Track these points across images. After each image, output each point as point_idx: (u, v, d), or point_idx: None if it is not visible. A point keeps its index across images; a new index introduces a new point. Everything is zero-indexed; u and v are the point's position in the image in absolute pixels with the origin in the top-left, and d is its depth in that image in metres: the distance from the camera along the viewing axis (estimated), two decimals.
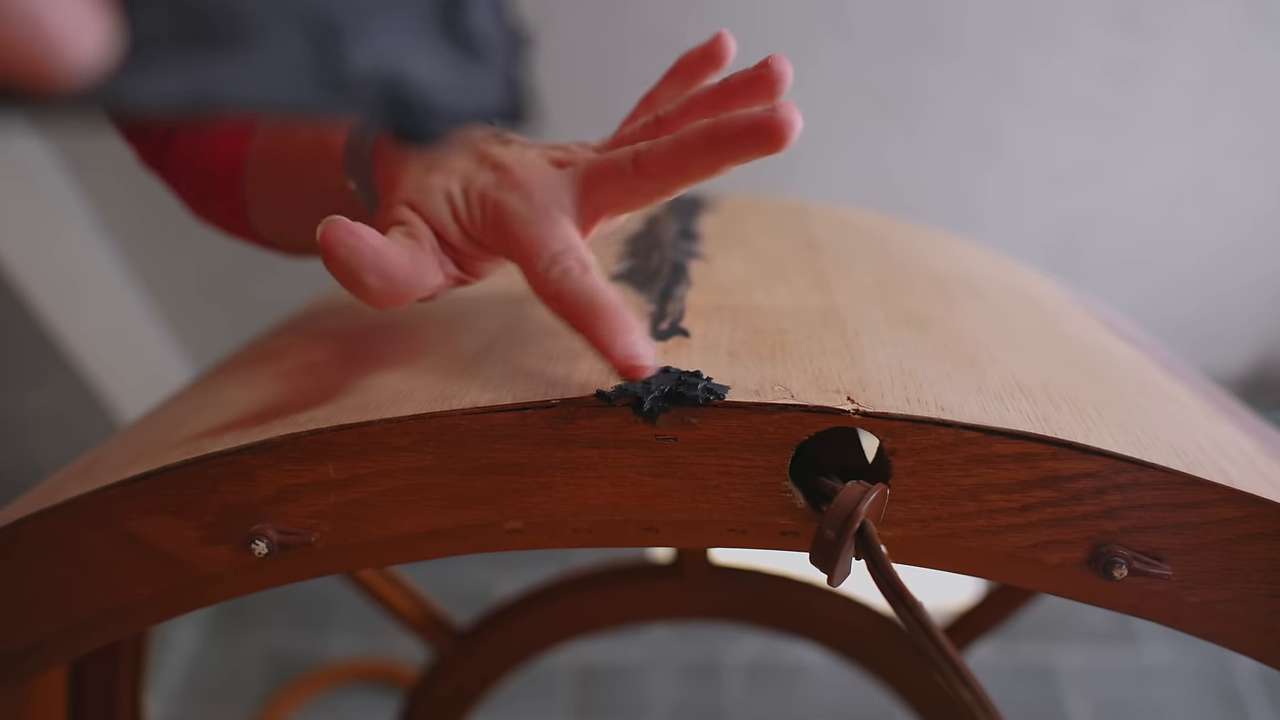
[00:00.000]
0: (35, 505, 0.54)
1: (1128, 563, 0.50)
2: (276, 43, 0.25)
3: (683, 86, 0.62)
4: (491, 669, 1.20)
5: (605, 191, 0.54)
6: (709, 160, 0.50)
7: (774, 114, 0.47)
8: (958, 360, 0.56)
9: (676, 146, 0.51)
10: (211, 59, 0.25)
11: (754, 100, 0.54)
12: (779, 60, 0.53)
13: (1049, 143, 2.10)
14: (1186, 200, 2.18)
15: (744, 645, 2.10)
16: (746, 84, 0.54)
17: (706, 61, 0.62)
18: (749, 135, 0.48)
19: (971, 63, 1.99)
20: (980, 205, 2.21)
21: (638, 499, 0.52)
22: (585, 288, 0.50)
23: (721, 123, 0.49)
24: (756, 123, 0.48)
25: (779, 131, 0.47)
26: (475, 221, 0.54)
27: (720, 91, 0.56)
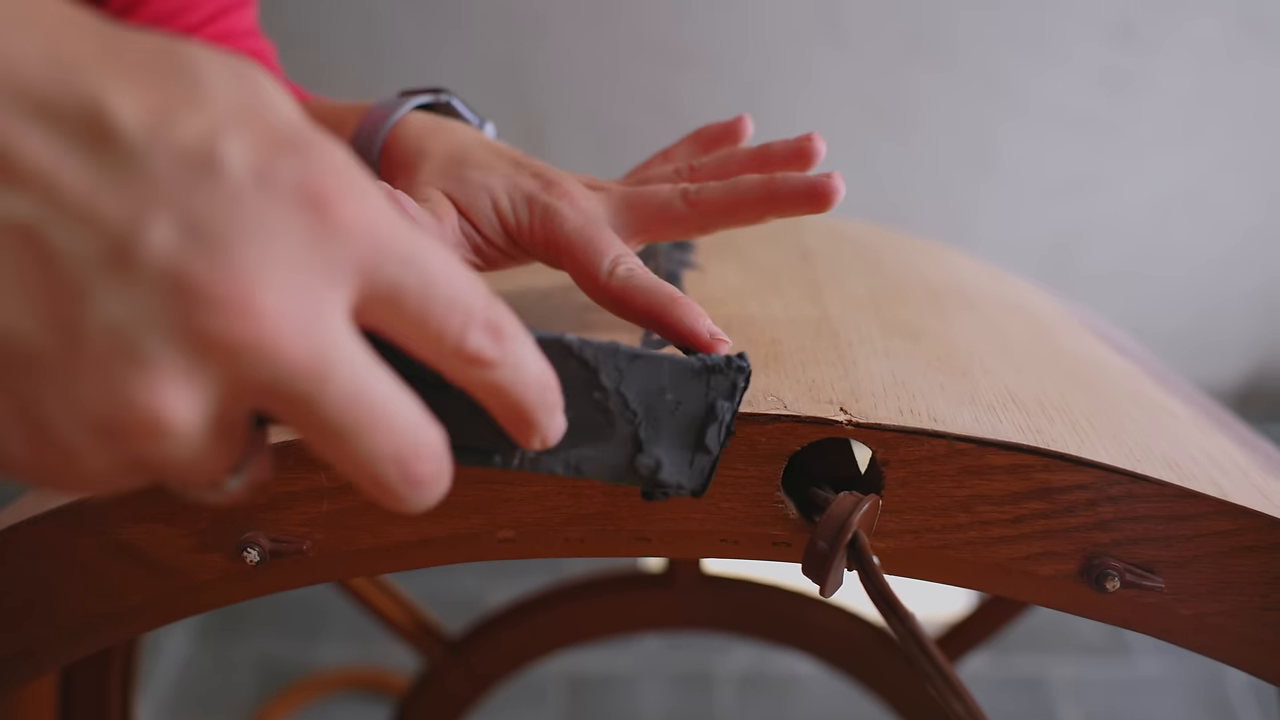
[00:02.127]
0: (27, 512, 0.54)
1: (1120, 575, 0.50)
2: (618, 445, 0.46)
3: (701, 152, 0.66)
4: (482, 678, 1.20)
5: (646, 218, 0.58)
6: (759, 210, 0.56)
7: (829, 181, 0.55)
8: (951, 371, 0.56)
9: (731, 191, 0.56)
10: (585, 445, 0.45)
11: (790, 169, 0.60)
12: (817, 138, 0.60)
13: (1043, 154, 2.10)
14: (1179, 212, 2.19)
15: (735, 655, 2.09)
16: (788, 154, 0.60)
17: (726, 137, 0.66)
18: (804, 196, 0.55)
19: (966, 73, 2.00)
20: (974, 216, 2.21)
21: (630, 508, 0.52)
22: (654, 282, 0.52)
23: (779, 180, 0.56)
24: (813, 186, 0.55)
25: (831, 198, 0.55)
26: (523, 224, 0.56)
27: (760, 156, 0.61)
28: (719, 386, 0.46)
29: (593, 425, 0.45)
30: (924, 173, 2.15)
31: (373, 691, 2.04)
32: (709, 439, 0.46)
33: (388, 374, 0.32)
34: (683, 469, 0.47)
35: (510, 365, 0.35)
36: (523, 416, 0.38)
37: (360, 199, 0.31)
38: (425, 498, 0.34)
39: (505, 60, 2.00)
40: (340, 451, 0.32)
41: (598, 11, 1.94)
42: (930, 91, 2.02)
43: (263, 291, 0.28)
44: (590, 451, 0.46)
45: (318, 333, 0.29)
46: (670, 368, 0.45)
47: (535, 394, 0.37)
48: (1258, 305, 2.34)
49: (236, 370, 0.28)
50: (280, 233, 0.29)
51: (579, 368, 0.43)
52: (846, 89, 2.02)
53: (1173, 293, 2.34)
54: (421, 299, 0.32)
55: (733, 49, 1.98)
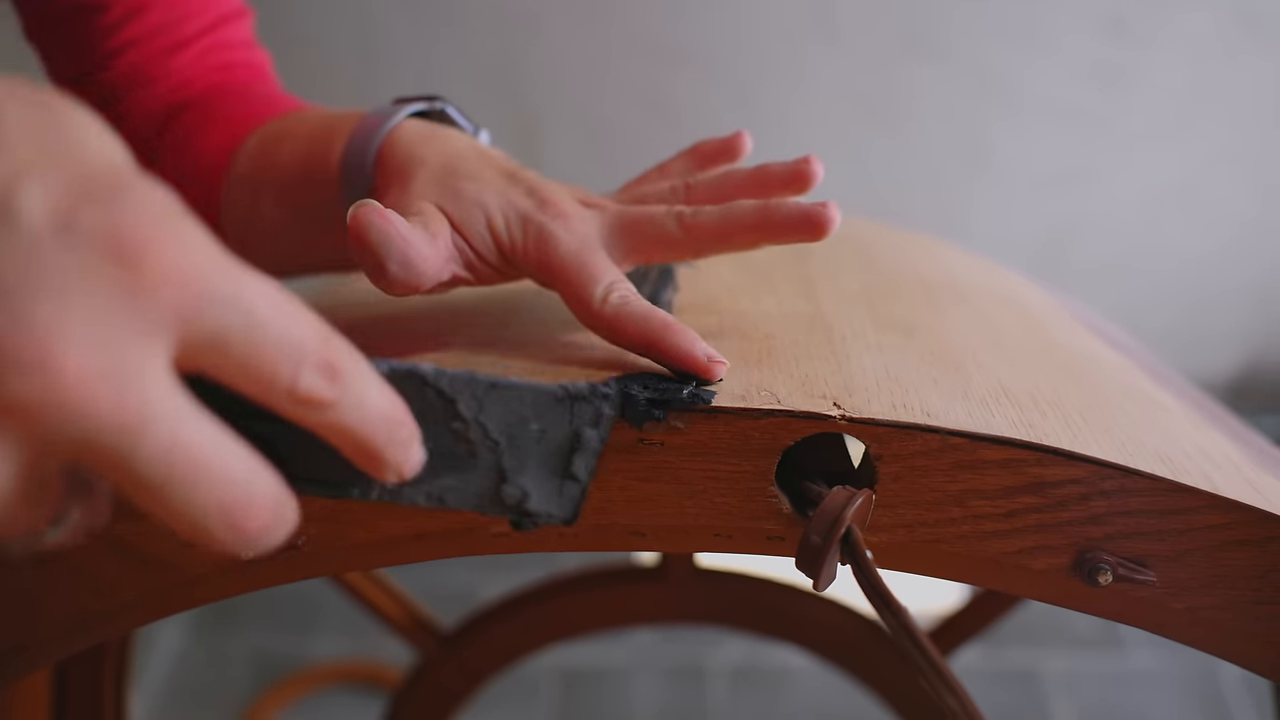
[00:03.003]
0: None
1: (1112, 569, 0.50)
2: (482, 476, 0.47)
3: (697, 167, 0.66)
4: (476, 671, 1.20)
5: (640, 241, 0.57)
6: (754, 236, 0.56)
7: (824, 210, 0.55)
8: (944, 366, 0.56)
9: (726, 217, 0.57)
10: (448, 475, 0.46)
11: (787, 191, 0.61)
12: (815, 161, 0.61)
13: (1035, 148, 2.11)
14: (1172, 205, 2.19)
15: (729, 649, 2.10)
16: (786, 176, 0.61)
17: (724, 153, 0.67)
18: (799, 224, 0.55)
19: (958, 68, 2.00)
20: (967, 211, 2.21)
21: (624, 503, 0.52)
22: (647, 310, 0.52)
23: (773, 207, 0.56)
24: (807, 215, 0.55)
25: (826, 227, 0.55)
26: (516, 244, 0.56)
27: (757, 177, 0.61)
28: (583, 414, 0.46)
29: (454, 455, 0.46)
30: (917, 168, 2.15)
31: (366, 685, 2.05)
32: (576, 468, 0.47)
33: (211, 424, 0.31)
34: (551, 497, 0.48)
35: (350, 405, 0.34)
36: (370, 454, 0.37)
37: (176, 245, 0.29)
38: (258, 547, 0.33)
39: (499, 58, 2.00)
40: (161, 506, 0.30)
41: (591, 9, 1.94)
42: (923, 87, 2.03)
43: (64, 349, 0.27)
44: (453, 482, 0.46)
45: (129, 389, 0.28)
46: (531, 397, 0.45)
47: (380, 432, 0.36)
48: (1251, 298, 2.35)
49: (40, 430, 0.27)
50: (83, 287, 0.27)
51: (436, 397, 0.44)
52: (839, 85, 2.02)
53: (1166, 286, 2.34)
54: (247, 344, 0.31)
55: (726, 46, 1.98)
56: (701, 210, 0.57)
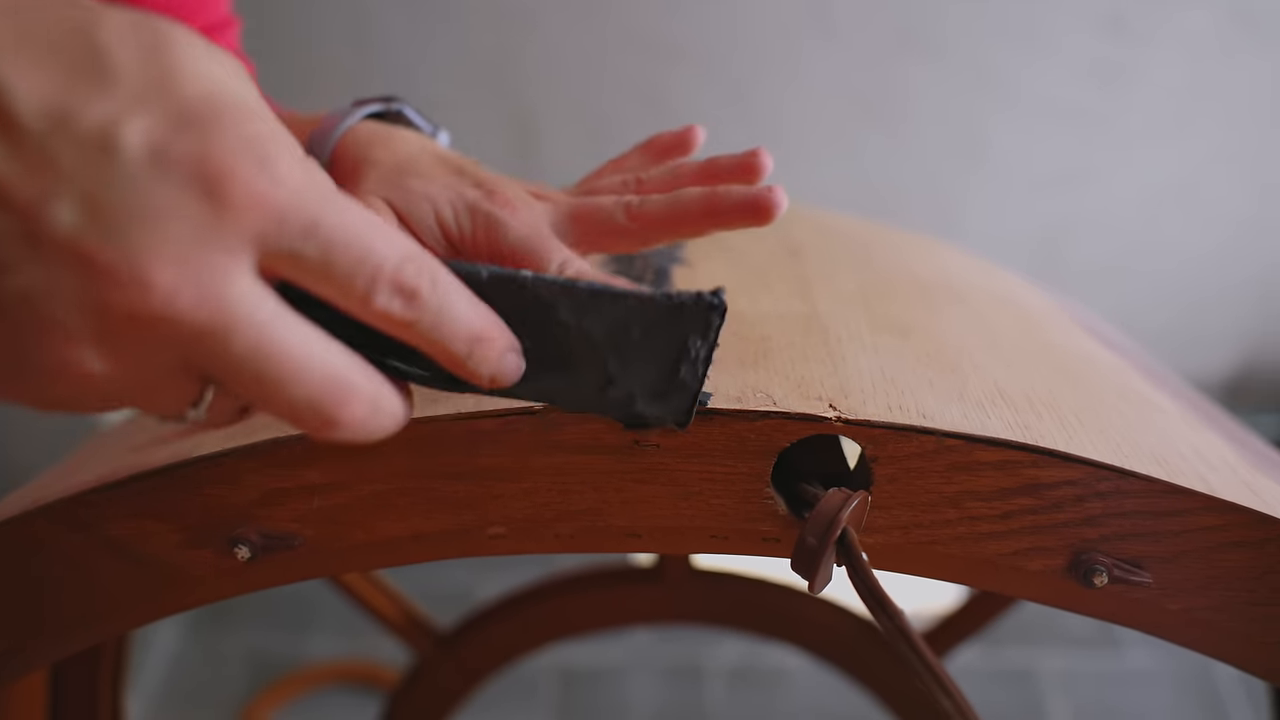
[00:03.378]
0: (16, 508, 0.54)
1: (1108, 570, 0.50)
2: (587, 378, 0.45)
3: (652, 161, 0.67)
4: (473, 671, 1.20)
5: (588, 229, 0.58)
6: (700, 223, 0.56)
7: (769, 194, 0.55)
8: (940, 367, 0.56)
9: (673, 205, 0.57)
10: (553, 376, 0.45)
11: (737, 182, 0.60)
12: (764, 153, 0.60)
13: (1033, 147, 2.10)
14: (1170, 205, 2.19)
15: (726, 649, 2.10)
16: (733, 168, 0.60)
17: (677, 146, 0.67)
18: (745, 209, 0.55)
19: (955, 66, 2.00)
20: (963, 210, 2.21)
21: (620, 505, 0.52)
22: (606, 278, 0.52)
23: (720, 193, 0.56)
24: (754, 199, 0.55)
25: (772, 211, 0.55)
26: (465, 233, 0.56)
27: (707, 169, 0.61)
28: (690, 323, 0.44)
29: (558, 357, 0.45)
30: (913, 166, 2.15)
31: (363, 685, 2.04)
32: (684, 375, 0.46)
33: (301, 325, 0.35)
34: (659, 402, 0.47)
35: (429, 324, 0.38)
36: (458, 364, 0.40)
37: (255, 174, 0.33)
38: (362, 435, 0.38)
39: (495, 54, 2.00)
40: (260, 399, 0.35)
41: (586, 6, 1.93)
42: (919, 84, 2.02)
43: (154, 265, 0.31)
44: (559, 383, 0.46)
45: (213, 298, 0.32)
46: (634, 304, 0.44)
47: (463, 347, 0.39)
48: (1248, 298, 2.35)
49: (139, 333, 0.32)
50: (172, 212, 0.31)
51: (535, 302, 0.43)
52: (835, 82, 2.02)
53: (1163, 285, 2.34)
54: (323, 266, 0.35)
55: (721, 42, 1.97)
56: (649, 199, 0.58)
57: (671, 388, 0.46)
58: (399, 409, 0.39)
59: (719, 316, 0.44)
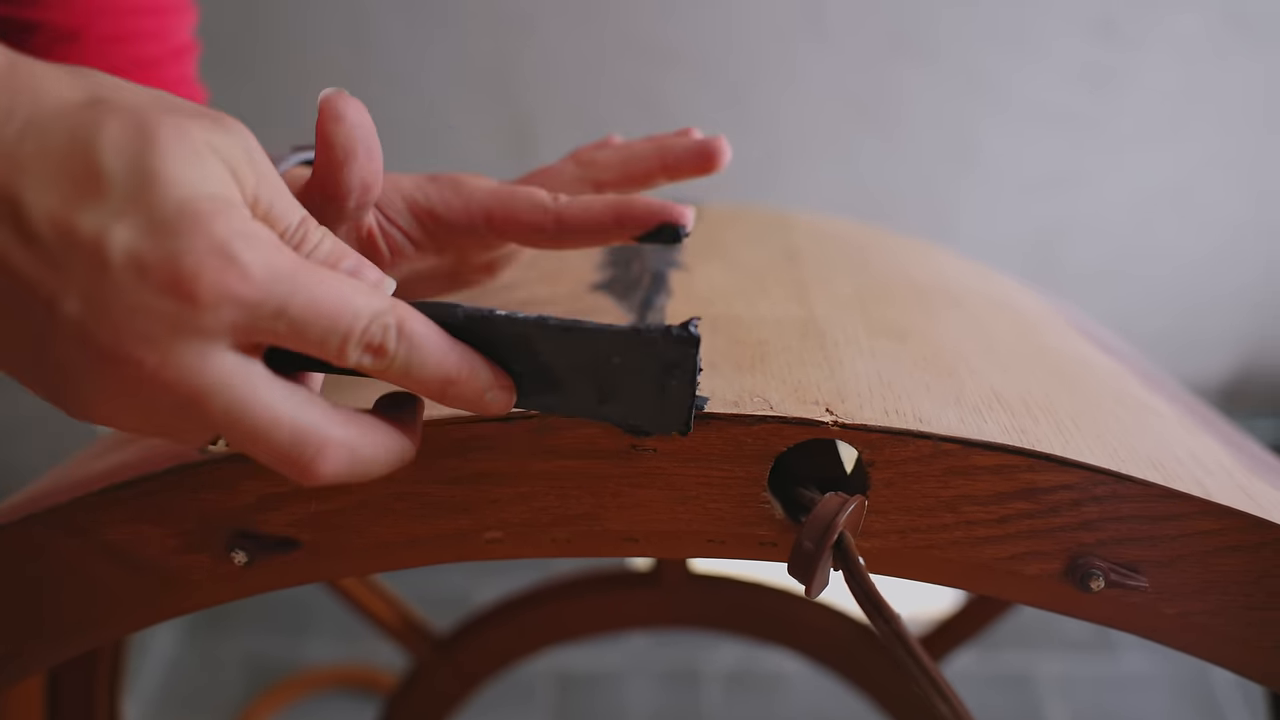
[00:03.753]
0: (14, 513, 0.54)
1: (1105, 574, 0.50)
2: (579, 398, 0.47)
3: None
4: (470, 675, 1.20)
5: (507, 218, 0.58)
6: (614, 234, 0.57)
7: (675, 210, 0.56)
8: (936, 371, 0.56)
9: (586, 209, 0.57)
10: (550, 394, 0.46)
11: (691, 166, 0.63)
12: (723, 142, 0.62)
13: (1026, 150, 2.11)
14: (1164, 208, 2.19)
15: (723, 653, 2.09)
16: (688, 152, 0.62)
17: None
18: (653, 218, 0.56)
19: (948, 70, 2.00)
20: (958, 213, 2.21)
21: (617, 509, 0.52)
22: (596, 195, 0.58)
23: (625, 203, 0.56)
24: (662, 209, 0.55)
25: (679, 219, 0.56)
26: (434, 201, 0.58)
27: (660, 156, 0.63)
28: (667, 353, 0.45)
29: (549, 380, 0.46)
30: (908, 170, 2.15)
31: (360, 690, 2.04)
32: (674, 393, 0.46)
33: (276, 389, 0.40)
34: (655, 415, 0.47)
35: (399, 372, 0.42)
36: (442, 402, 0.44)
37: (222, 273, 0.37)
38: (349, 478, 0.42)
39: (493, 60, 2.00)
40: (244, 448, 0.40)
41: (584, 11, 1.93)
42: (913, 88, 2.02)
43: (141, 350, 0.37)
44: (555, 399, 0.47)
45: (190, 375, 0.38)
46: (606, 341, 0.45)
47: (435, 391, 0.43)
48: (1245, 302, 2.35)
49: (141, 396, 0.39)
50: (152, 310, 0.37)
51: (514, 336, 0.45)
52: (829, 86, 2.02)
53: (1159, 290, 2.34)
54: (296, 337, 0.39)
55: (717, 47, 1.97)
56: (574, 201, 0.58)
57: (665, 402, 0.46)
58: (384, 454, 0.43)
59: (693, 347, 0.44)
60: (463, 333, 0.44)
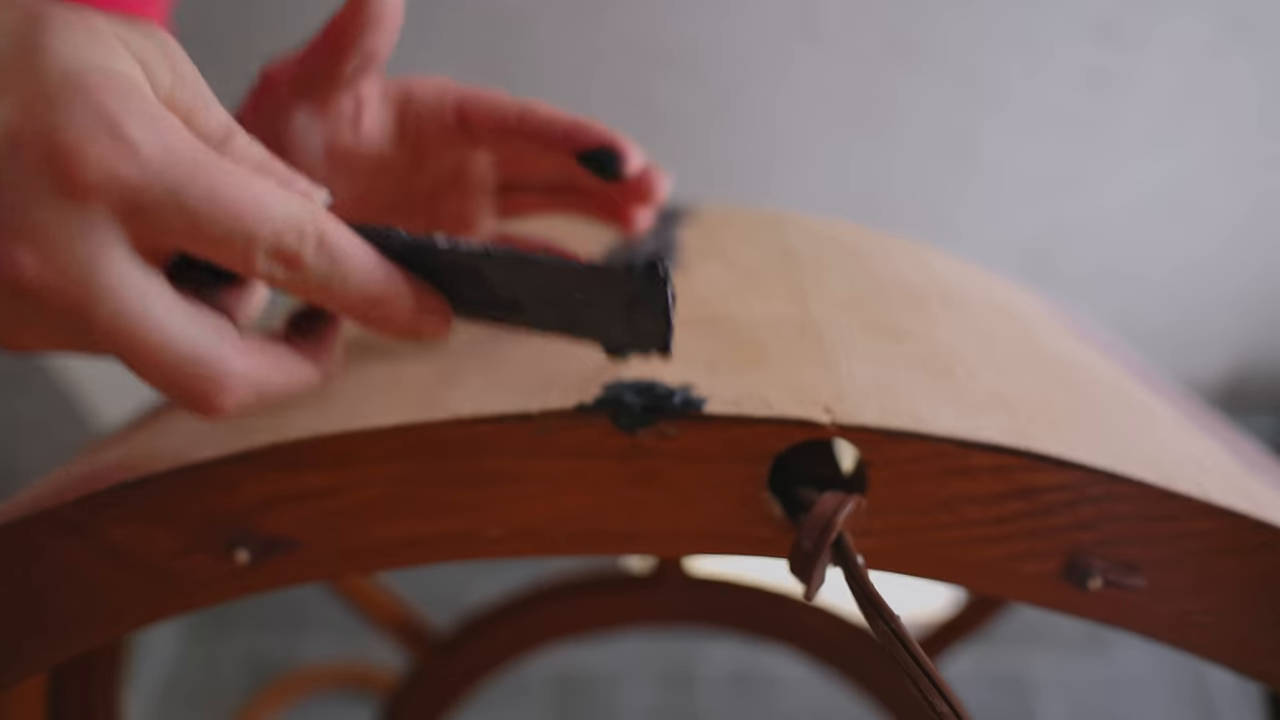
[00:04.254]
0: (13, 513, 0.54)
1: (1102, 574, 0.50)
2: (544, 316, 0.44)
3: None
4: (469, 675, 1.20)
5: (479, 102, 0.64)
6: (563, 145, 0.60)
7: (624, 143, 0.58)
8: (934, 372, 0.56)
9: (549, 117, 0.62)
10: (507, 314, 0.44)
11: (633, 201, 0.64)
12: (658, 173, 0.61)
13: (1025, 152, 2.11)
14: (1163, 210, 2.19)
15: (722, 654, 2.10)
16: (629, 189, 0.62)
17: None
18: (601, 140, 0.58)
19: (946, 71, 2.00)
20: (956, 215, 2.21)
21: (616, 509, 0.52)
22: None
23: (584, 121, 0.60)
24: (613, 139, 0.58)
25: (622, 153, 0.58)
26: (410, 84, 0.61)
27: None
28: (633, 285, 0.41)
29: (505, 303, 0.44)
30: (905, 171, 2.15)
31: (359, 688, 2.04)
32: (641, 320, 0.43)
33: (171, 306, 0.36)
34: (627, 336, 0.45)
35: (316, 288, 0.38)
36: (365, 324, 0.41)
37: (106, 149, 0.33)
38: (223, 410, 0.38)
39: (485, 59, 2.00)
40: (135, 371, 0.36)
41: (577, 11, 1.93)
42: (911, 90, 2.02)
43: (19, 249, 0.33)
44: (518, 319, 0.45)
45: (76, 279, 0.33)
46: (565, 275, 0.42)
47: (357, 311, 0.39)
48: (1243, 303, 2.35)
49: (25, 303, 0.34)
50: (31, 198, 0.32)
51: (462, 267, 0.42)
52: (826, 87, 2.02)
53: (1157, 290, 2.34)
54: (191, 234, 0.35)
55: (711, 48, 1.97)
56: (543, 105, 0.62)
57: (637, 331, 0.44)
58: (292, 384, 0.40)
59: (661, 284, 0.41)
60: (402, 262, 0.41)
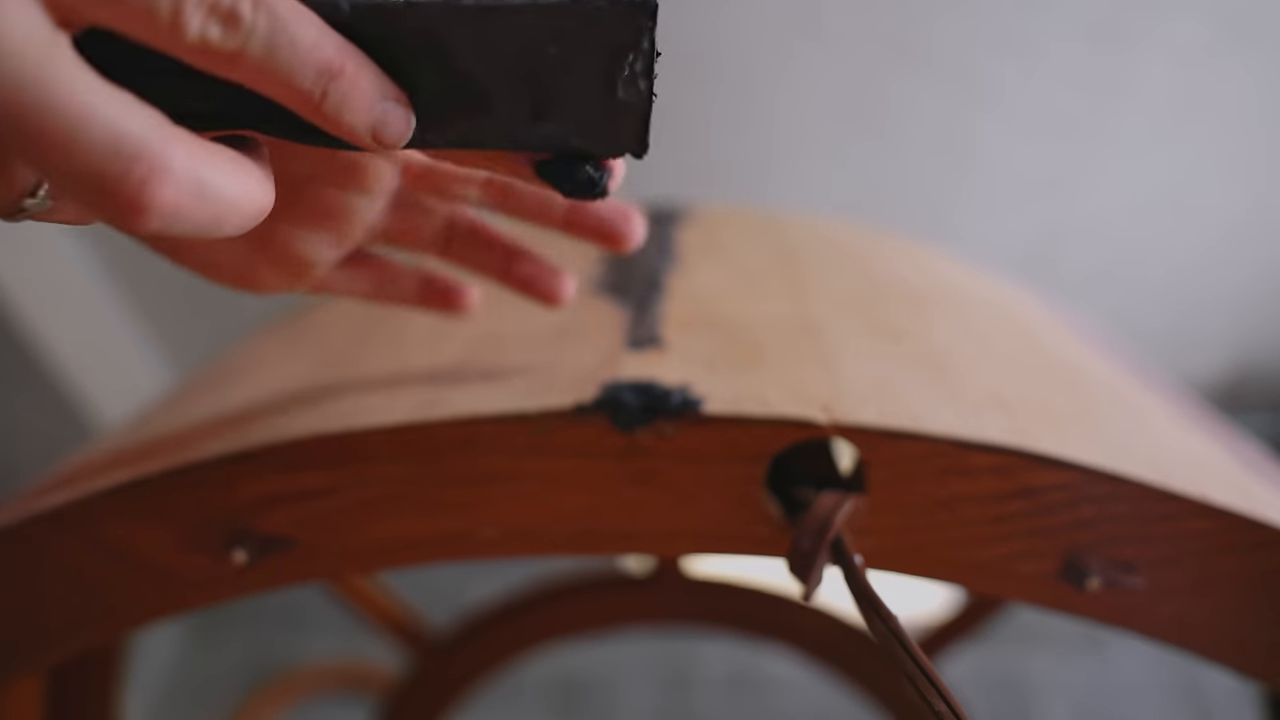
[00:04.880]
0: (13, 513, 0.54)
1: (1101, 574, 0.50)
2: (508, 117, 0.38)
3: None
4: (468, 675, 1.20)
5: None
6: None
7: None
8: (933, 372, 0.56)
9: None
10: (467, 119, 0.38)
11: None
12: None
13: (1023, 153, 2.10)
14: (1161, 210, 2.19)
15: (720, 654, 2.10)
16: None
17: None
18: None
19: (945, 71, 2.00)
20: (954, 216, 2.21)
21: (615, 508, 0.52)
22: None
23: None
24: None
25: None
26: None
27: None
28: (616, 31, 0.37)
29: (467, 97, 0.38)
30: (903, 172, 2.14)
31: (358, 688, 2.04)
32: (624, 93, 0.38)
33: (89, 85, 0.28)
34: (605, 131, 0.39)
35: (259, 52, 0.31)
36: (314, 111, 0.34)
37: None
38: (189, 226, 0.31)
39: None
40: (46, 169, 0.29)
41: None
42: (909, 91, 2.02)
43: None
44: (476, 124, 0.39)
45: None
46: (537, 19, 0.36)
47: (310, 82, 0.33)
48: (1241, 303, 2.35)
49: None
50: None
51: (419, 41, 0.36)
52: (826, 89, 2.02)
53: (1155, 290, 2.34)
54: None
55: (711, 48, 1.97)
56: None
57: (615, 109, 0.39)
58: (243, 198, 0.32)
59: (648, 18, 0.36)
60: (350, 34, 0.35)
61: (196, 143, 0.30)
